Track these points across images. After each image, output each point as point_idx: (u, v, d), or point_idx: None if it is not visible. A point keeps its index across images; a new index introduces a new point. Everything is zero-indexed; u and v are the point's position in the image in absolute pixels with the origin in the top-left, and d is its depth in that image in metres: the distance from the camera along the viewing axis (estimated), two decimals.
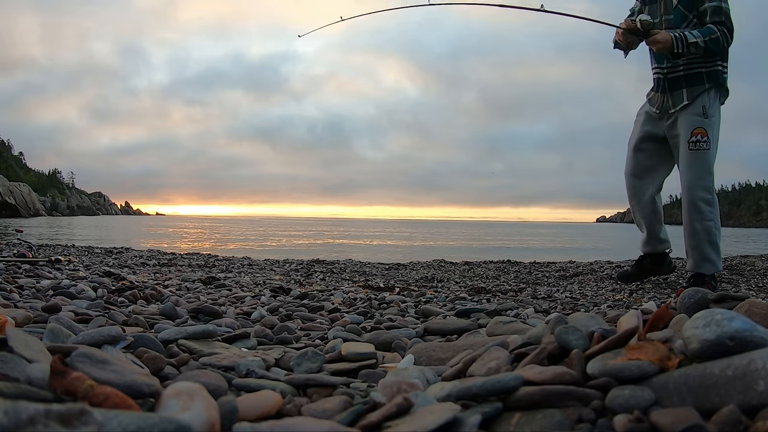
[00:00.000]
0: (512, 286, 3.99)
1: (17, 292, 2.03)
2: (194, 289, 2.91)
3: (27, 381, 0.69)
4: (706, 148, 3.09)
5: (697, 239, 3.19)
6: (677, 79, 3.19)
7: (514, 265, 6.04)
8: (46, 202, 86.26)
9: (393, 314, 2.14)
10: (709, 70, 3.11)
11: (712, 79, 3.11)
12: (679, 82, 3.19)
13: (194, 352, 1.18)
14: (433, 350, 1.22)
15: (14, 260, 3.55)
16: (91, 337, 1.03)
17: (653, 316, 0.87)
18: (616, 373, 0.72)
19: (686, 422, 0.59)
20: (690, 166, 3.14)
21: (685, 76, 3.17)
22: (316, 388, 0.94)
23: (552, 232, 37.43)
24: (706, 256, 3.20)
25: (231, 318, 1.82)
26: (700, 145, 3.08)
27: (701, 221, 3.15)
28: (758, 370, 0.61)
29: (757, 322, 0.73)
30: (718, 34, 2.98)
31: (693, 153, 3.10)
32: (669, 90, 3.24)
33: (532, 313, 2.17)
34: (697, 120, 3.10)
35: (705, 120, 3.09)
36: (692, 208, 3.16)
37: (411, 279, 4.50)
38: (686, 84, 3.16)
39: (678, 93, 3.19)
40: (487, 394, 0.72)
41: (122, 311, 1.80)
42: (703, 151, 3.09)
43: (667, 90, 3.25)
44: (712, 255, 3.20)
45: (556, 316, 1.00)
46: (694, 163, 3.12)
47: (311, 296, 2.73)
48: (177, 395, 0.63)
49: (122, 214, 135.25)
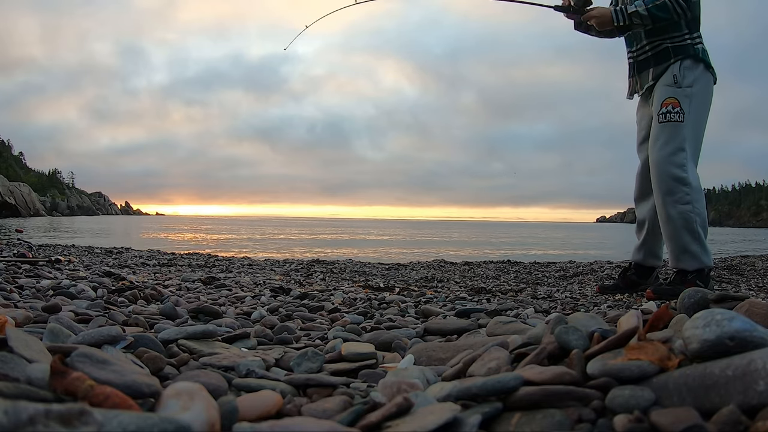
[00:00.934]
0: (512, 286, 3.99)
1: (17, 292, 2.03)
2: (194, 289, 2.91)
3: (27, 381, 0.69)
4: (678, 119, 2.71)
5: (671, 227, 2.74)
6: (646, 60, 2.93)
7: (514, 265, 6.04)
8: (46, 202, 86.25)
9: (393, 314, 2.14)
10: (676, 45, 2.81)
11: (680, 51, 2.81)
12: (647, 62, 2.92)
13: (194, 352, 1.18)
14: (433, 350, 1.22)
15: (14, 260, 3.55)
16: (91, 337, 1.03)
17: (653, 316, 0.87)
18: (616, 373, 0.72)
19: (686, 422, 0.59)
20: (658, 138, 2.75)
21: (653, 56, 2.88)
22: (316, 388, 0.94)
23: (554, 234, 37.49)
24: (685, 247, 2.73)
25: (231, 318, 1.82)
26: (670, 117, 2.71)
27: (675, 204, 2.71)
28: (758, 370, 0.61)
29: (757, 322, 0.72)
30: None
31: (662, 125, 2.74)
32: (638, 72, 3.00)
33: (532, 313, 2.17)
34: (668, 90, 2.78)
35: (678, 89, 2.74)
36: (663, 188, 2.73)
37: (411, 279, 4.50)
38: (654, 63, 2.88)
39: (645, 73, 2.94)
40: (487, 394, 0.72)
41: (122, 311, 1.80)
42: (674, 123, 2.71)
43: (635, 73, 3.02)
44: (692, 246, 2.73)
45: (556, 316, 1.00)
46: (662, 135, 2.73)
47: (311, 296, 2.73)
48: (177, 395, 0.63)
49: (122, 214, 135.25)
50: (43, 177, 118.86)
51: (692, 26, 2.83)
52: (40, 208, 69.08)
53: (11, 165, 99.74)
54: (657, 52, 2.86)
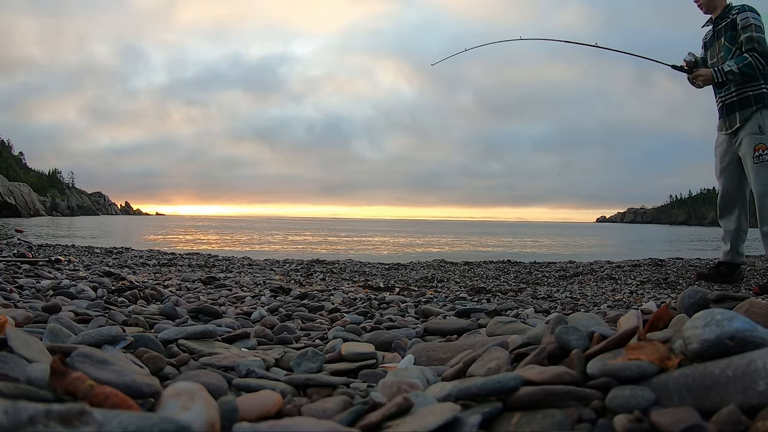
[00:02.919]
0: (512, 286, 3.99)
1: (17, 292, 2.03)
2: (194, 289, 2.90)
3: (27, 381, 0.69)
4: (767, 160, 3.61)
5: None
6: (732, 104, 3.79)
7: (514, 265, 6.04)
8: (46, 202, 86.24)
9: (393, 314, 2.14)
10: (756, 93, 3.67)
11: (759, 100, 3.65)
12: (733, 106, 3.79)
13: (194, 352, 1.18)
14: (433, 350, 1.22)
15: (14, 260, 3.55)
16: (91, 337, 1.03)
17: (653, 316, 0.87)
18: (616, 373, 0.72)
19: (686, 422, 0.59)
20: (757, 176, 3.62)
21: (738, 101, 3.74)
22: (316, 388, 0.94)
23: (554, 234, 37.49)
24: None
25: (231, 318, 1.82)
26: (762, 158, 3.61)
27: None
28: (758, 370, 0.61)
29: (757, 322, 0.72)
30: (750, 59, 3.56)
31: (758, 165, 3.62)
32: (726, 114, 3.85)
33: (532, 313, 2.17)
34: (756, 138, 3.64)
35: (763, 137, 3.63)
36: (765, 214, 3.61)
37: (411, 279, 4.50)
38: (738, 107, 3.74)
39: (732, 116, 3.79)
40: (487, 394, 0.71)
41: (122, 311, 1.80)
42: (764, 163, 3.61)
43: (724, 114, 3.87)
44: None
45: (556, 316, 1.00)
46: (760, 174, 3.61)
47: (311, 296, 2.73)
48: (177, 395, 0.63)
49: (122, 214, 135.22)
50: (43, 177, 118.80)
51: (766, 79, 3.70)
52: (40, 208, 69.08)
53: (11, 165, 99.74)
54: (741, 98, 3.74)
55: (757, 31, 3.62)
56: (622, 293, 3.51)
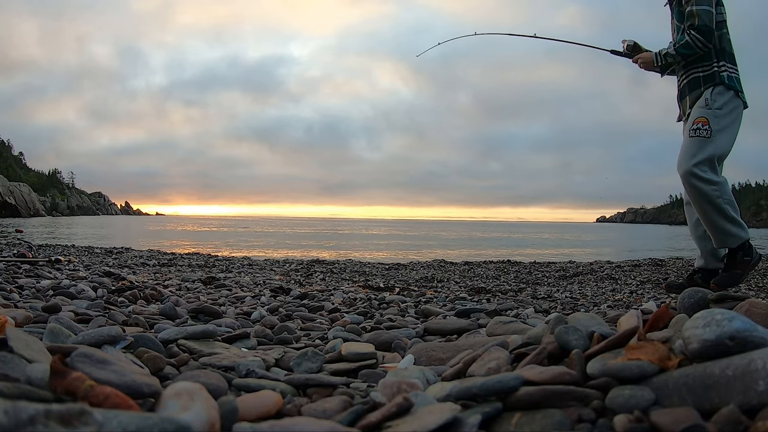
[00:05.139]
0: (512, 286, 3.99)
1: (17, 292, 2.03)
2: (194, 289, 2.90)
3: (27, 381, 0.69)
4: (705, 135, 2.99)
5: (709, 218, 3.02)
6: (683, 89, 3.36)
7: (514, 265, 6.04)
8: (46, 202, 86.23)
9: (393, 314, 2.14)
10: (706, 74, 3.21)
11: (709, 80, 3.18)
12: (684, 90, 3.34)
13: (194, 352, 1.18)
14: (433, 350, 1.22)
15: (14, 260, 3.55)
16: (91, 337, 1.03)
17: (653, 316, 0.87)
18: (616, 373, 0.72)
19: (686, 422, 0.59)
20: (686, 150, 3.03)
21: (688, 83, 3.26)
22: (316, 388, 0.94)
23: (554, 234, 37.49)
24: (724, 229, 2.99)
25: (231, 318, 1.82)
26: (699, 132, 3.00)
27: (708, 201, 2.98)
28: (758, 370, 0.61)
29: (757, 322, 0.72)
30: (687, 38, 3.15)
31: (691, 139, 3.02)
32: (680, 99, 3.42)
33: (532, 313, 2.17)
34: (700, 110, 3.09)
35: (708, 110, 3.06)
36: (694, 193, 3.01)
37: (411, 279, 4.50)
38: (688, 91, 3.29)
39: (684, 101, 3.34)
40: (487, 394, 0.71)
41: (122, 311, 1.80)
42: (702, 138, 2.98)
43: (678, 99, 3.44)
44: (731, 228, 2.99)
45: (556, 316, 1.00)
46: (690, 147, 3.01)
47: (311, 296, 2.73)
48: (177, 395, 0.63)
49: (122, 214, 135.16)
50: (43, 177, 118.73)
51: (720, 56, 3.22)
52: (40, 208, 69.10)
53: (11, 165, 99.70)
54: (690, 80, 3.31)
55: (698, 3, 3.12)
56: (622, 293, 3.51)
